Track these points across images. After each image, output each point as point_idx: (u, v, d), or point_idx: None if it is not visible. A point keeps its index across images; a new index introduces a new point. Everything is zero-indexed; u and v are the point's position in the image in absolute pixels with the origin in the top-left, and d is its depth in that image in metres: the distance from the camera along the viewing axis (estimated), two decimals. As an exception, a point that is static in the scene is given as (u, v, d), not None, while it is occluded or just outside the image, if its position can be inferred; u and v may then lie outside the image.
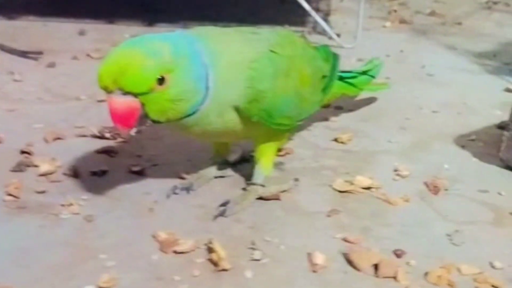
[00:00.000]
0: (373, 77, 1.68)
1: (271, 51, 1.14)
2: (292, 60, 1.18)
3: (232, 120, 1.11)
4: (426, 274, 1.03)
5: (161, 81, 0.97)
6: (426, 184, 1.33)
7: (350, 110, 1.74)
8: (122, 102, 0.97)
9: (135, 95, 0.97)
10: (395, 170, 1.38)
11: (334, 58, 1.46)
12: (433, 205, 1.25)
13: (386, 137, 1.57)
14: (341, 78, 1.52)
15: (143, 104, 0.99)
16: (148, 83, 0.97)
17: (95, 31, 2.38)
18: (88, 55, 2.08)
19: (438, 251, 1.10)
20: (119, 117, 0.99)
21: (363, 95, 1.75)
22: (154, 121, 1.02)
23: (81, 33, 2.34)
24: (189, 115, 1.04)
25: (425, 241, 1.13)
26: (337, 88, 1.48)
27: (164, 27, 2.44)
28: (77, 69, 1.97)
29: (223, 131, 1.13)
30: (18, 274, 0.98)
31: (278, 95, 1.13)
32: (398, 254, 1.08)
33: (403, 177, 1.36)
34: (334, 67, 1.43)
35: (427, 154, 1.49)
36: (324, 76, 1.35)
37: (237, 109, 1.09)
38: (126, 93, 0.97)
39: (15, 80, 1.84)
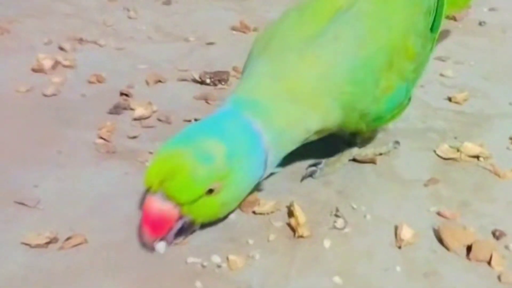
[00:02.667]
0: None
1: (364, 54, 0.97)
2: (392, 42, 1.01)
3: (317, 137, 1.02)
4: (525, 262, 0.92)
5: (210, 191, 0.88)
6: (545, 157, 1.19)
7: (472, 65, 1.60)
8: (161, 208, 0.87)
9: (179, 204, 0.87)
10: (511, 138, 1.25)
11: None
12: (549, 182, 1.12)
13: (507, 98, 1.42)
14: None
15: (185, 214, 0.89)
16: (196, 192, 0.86)
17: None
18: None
19: (544, 236, 0.98)
20: (152, 223, 0.88)
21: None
22: (203, 225, 0.94)
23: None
24: None
25: (531, 223, 1.01)
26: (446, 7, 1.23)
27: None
28: (192, 8, 1.95)
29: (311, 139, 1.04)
30: (92, 223, 0.97)
31: (384, 99, 1.00)
32: (497, 235, 0.98)
33: (519, 146, 1.23)
34: None
35: (552, 122, 1.33)
36: (429, 11, 1.13)
37: (326, 128, 1.00)
38: (168, 197, 0.86)
39: (130, 18, 1.85)
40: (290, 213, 1.00)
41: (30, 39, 1.64)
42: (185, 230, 0.92)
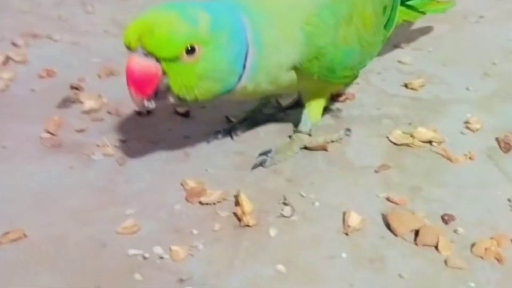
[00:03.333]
0: None
1: None
2: (354, 2, 1.05)
3: (287, 80, 1.01)
4: (472, 245, 0.91)
5: (190, 51, 0.86)
6: (498, 140, 1.18)
7: (430, 52, 1.58)
8: (142, 63, 0.86)
9: (158, 59, 0.86)
10: (466, 122, 1.24)
11: None
12: (500, 164, 1.11)
13: (464, 84, 1.41)
14: (401, 2, 1.33)
15: (165, 74, 0.88)
16: (174, 48, 0.85)
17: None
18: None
19: (493, 219, 0.98)
20: (136, 81, 0.87)
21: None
22: (178, 98, 0.91)
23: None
24: (220, 95, 0.94)
25: (480, 206, 1.01)
26: (398, 15, 1.29)
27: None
28: (152, 2, 1.91)
29: (274, 91, 1.04)
30: (32, 217, 0.95)
31: (340, 47, 1.02)
32: (445, 219, 0.97)
33: (472, 130, 1.22)
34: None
35: (507, 106, 1.32)
36: (385, 8, 1.20)
37: (295, 69, 0.99)
38: (148, 54, 0.86)
39: (87, 12, 1.81)
40: (237, 203, 0.98)
41: (-19, 35, 1.60)
42: (161, 93, 0.90)
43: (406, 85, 1.39)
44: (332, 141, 1.16)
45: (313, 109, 1.14)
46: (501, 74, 1.46)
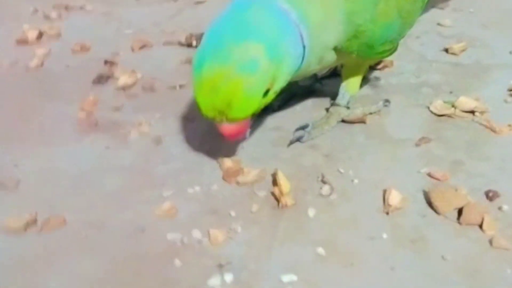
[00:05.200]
0: None
1: None
2: None
3: (330, 60, 0.98)
4: (519, 222, 0.89)
5: (267, 92, 0.86)
6: (544, 108, 1.14)
7: (471, 13, 1.53)
8: (233, 128, 0.89)
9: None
10: (510, 90, 1.20)
11: None
12: (547, 135, 1.07)
13: (507, 47, 1.37)
14: None
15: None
16: (256, 105, 0.86)
17: None
18: None
19: (541, 195, 0.94)
20: (233, 138, 0.92)
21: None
22: None
23: None
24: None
25: (526, 181, 0.97)
26: None
27: None
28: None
29: (318, 70, 1.02)
30: (72, 202, 0.95)
31: (379, 22, 0.97)
32: (490, 196, 0.94)
33: (517, 98, 1.18)
34: None
35: (555, 70, 1.27)
36: None
37: (335, 49, 0.96)
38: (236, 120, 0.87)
39: (119, -21, 1.79)
40: (274, 182, 0.96)
41: (16, 9, 1.60)
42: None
43: (446, 50, 1.35)
44: (371, 113, 1.13)
45: (351, 81, 1.11)
46: (547, 36, 1.40)
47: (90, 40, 1.42)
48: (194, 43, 1.37)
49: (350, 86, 1.11)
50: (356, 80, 1.11)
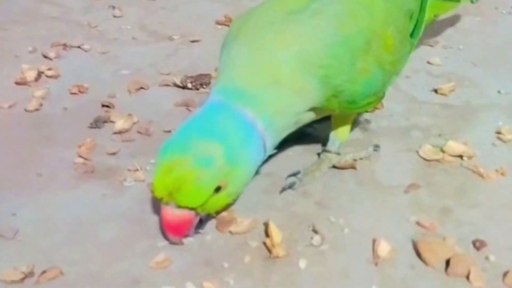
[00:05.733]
0: None
1: (344, 32, 0.96)
2: (372, 27, 1.00)
3: (309, 118, 1.03)
4: (505, 274, 0.91)
5: (217, 189, 0.91)
6: (530, 152, 1.16)
7: (460, 50, 1.57)
8: (177, 214, 0.92)
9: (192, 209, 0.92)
10: (497, 132, 1.23)
11: None
12: (534, 180, 1.10)
13: (496, 86, 1.40)
14: None
15: (198, 212, 0.94)
16: (204, 197, 0.90)
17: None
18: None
19: (527, 243, 0.97)
20: (173, 229, 0.95)
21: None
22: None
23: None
24: None
25: (513, 229, 1.00)
26: (429, 13, 1.23)
27: None
28: (177, 2, 1.92)
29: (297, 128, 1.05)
30: (68, 252, 0.97)
31: (360, 81, 0.99)
32: (477, 245, 0.96)
33: (504, 141, 1.21)
34: None
35: (542, 111, 1.30)
36: (412, 15, 1.14)
37: (314, 109, 0.99)
38: (182, 206, 0.91)
39: (115, 16, 1.83)
40: (267, 232, 0.99)
41: (15, 48, 1.63)
42: (203, 221, 0.98)
43: (435, 91, 1.38)
44: (361, 159, 1.15)
45: (341, 129, 1.14)
46: (536, 75, 1.43)
47: (87, 81, 1.45)
48: (189, 85, 1.40)
49: (339, 134, 1.14)
50: (346, 127, 1.14)
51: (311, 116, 1.01)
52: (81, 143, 1.22)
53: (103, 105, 1.35)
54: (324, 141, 1.17)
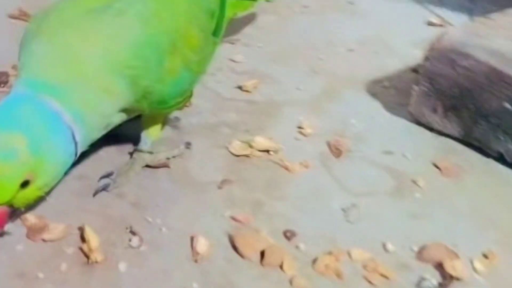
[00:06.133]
0: None
1: (149, 32, 0.96)
2: (176, 27, 1.01)
3: (120, 120, 1.00)
4: (314, 261, 0.97)
5: (25, 183, 0.85)
6: (329, 144, 1.25)
7: (260, 47, 1.63)
8: None
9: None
10: (299, 127, 1.30)
11: None
12: (333, 171, 1.19)
13: (295, 82, 1.48)
14: None
15: (11, 205, 0.87)
16: (12, 192, 0.84)
17: None
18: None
19: (331, 231, 1.05)
20: None
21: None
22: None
23: None
24: None
25: (319, 218, 1.07)
26: (228, 11, 1.26)
27: None
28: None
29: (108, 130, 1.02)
30: None
31: (168, 81, 0.99)
32: (288, 236, 1.02)
33: (306, 135, 1.29)
34: None
35: (336, 105, 1.41)
36: (213, 13, 1.16)
37: (124, 110, 0.97)
38: None
39: None
40: (82, 237, 0.96)
41: None
42: (15, 214, 0.93)
43: (240, 87, 1.42)
44: (174, 157, 1.16)
45: (152, 128, 1.14)
46: (327, 71, 1.55)
47: None
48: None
49: (151, 133, 1.14)
50: (157, 126, 1.14)
51: (122, 117, 0.99)
52: None
53: None
54: (135, 141, 1.16)
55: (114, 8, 0.96)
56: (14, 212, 0.92)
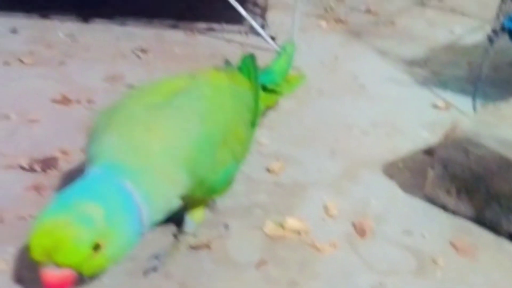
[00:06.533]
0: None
1: (205, 128, 1.10)
2: (226, 123, 1.15)
3: (176, 207, 1.11)
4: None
5: (96, 248, 0.94)
6: (354, 225, 1.36)
7: (282, 130, 1.76)
8: (57, 275, 0.94)
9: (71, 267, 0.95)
10: (325, 207, 1.41)
11: (255, 73, 1.38)
12: (359, 251, 1.29)
13: (316, 164, 1.59)
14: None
15: (79, 271, 0.96)
16: (82, 255, 0.93)
17: (28, 29, 2.30)
18: (20, 59, 2.02)
19: (361, 311, 1.14)
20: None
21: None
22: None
23: (13, 31, 2.26)
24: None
25: (348, 298, 1.17)
26: (261, 105, 1.41)
27: (100, 24, 2.38)
28: (8, 77, 1.91)
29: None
30: None
31: (219, 170, 1.13)
32: (319, 314, 1.11)
33: (331, 216, 1.39)
34: (256, 88, 1.36)
35: (356, 186, 1.52)
36: (250, 107, 1.31)
37: (181, 197, 1.09)
38: (60, 265, 0.94)
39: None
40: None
41: None
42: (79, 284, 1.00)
43: (268, 170, 1.54)
44: (214, 238, 1.27)
45: (196, 211, 1.25)
46: (345, 153, 1.67)
47: None
48: (37, 168, 1.42)
49: (195, 216, 1.25)
50: (200, 210, 1.26)
51: (179, 203, 1.11)
52: None
53: None
54: (177, 222, 1.26)
55: (174, 105, 1.09)
56: (79, 281, 1.00)
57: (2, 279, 1.12)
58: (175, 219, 1.26)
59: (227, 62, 1.50)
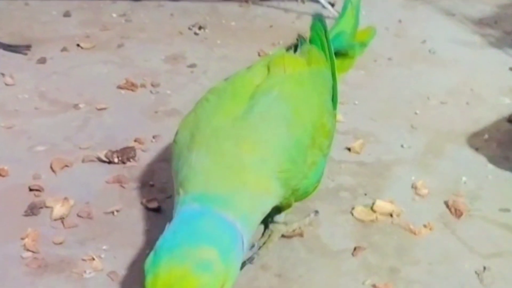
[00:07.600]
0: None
1: (293, 133, 1.01)
2: (312, 120, 1.06)
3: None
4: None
5: None
6: (447, 204, 1.31)
7: (356, 105, 1.70)
8: None
9: None
10: (414, 187, 1.36)
11: (328, 42, 1.23)
12: (457, 232, 1.24)
13: (397, 140, 1.54)
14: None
15: None
16: None
17: (81, 11, 2.27)
18: (78, 45, 1.99)
19: (468, 296, 1.10)
20: None
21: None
22: None
23: (66, 14, 2.23)
24: None
25: (455, 282, 1.12)
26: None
27: (152, 1, 2.34)
28: (69, 65, 1.89)
29: None
30: None
31: (311, 174, 1.06)
32: (430, 303, 1.07)
33: (422, 196, 1.34)
34: (332, 59, 1.23)
35: (443, 161, 1.47)
36: (330, 88, 1.21)
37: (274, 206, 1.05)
38: None
39: (7, 85, 1.76)
40: (241, 314, 1.03)
41: None
42: None
43: (349, 149, 1.49)
44: (305, 225, 1.23)
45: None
46: (425, 126, 1.60)
47: (4, 162, 1.39)
48: (115, 160, 1.40)
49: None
50: (291, 199, 1.21)
51: (271, 211, 1.06)
52: (23, 234, 1.18)
53: (31, 189, 1.31)
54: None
55: (256, 112, 1.01)
56: None
57: (99, 279, 1.10)
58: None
59: (301, 38, 1.37)
